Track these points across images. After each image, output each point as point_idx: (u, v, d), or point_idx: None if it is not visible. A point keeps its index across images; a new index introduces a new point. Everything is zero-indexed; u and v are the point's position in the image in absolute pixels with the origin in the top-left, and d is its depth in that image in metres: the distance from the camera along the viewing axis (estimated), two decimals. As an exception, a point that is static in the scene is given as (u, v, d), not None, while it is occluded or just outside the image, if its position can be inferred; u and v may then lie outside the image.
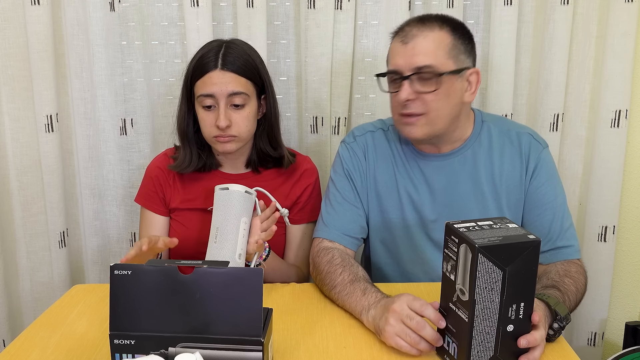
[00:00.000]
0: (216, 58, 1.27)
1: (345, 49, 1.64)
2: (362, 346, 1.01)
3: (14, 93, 1.63)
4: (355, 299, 1.10)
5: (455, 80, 1.20)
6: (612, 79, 1.62)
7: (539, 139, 1.31)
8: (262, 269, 0.86)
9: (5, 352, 1.00)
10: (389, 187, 1.33)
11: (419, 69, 1.18)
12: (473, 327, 0.88)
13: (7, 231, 1.71)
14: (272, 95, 1.36)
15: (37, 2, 1.55)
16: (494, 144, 1.30)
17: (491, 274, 0.85)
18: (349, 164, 1.34)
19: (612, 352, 1.75)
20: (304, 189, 1.40)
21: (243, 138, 1.32)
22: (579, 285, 1.17)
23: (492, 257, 0.85)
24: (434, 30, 1.19)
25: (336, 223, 1.30)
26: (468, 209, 1.29)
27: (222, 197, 1.16)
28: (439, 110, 1.20)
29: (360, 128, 1.39)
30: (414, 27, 1.20)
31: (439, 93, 1.18)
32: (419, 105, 1.20)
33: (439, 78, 1.17)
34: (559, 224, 1.26)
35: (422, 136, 1.23)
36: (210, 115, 1.29)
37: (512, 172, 1.28)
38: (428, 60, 1.17)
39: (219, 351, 0.85)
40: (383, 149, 1.34)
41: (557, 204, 1.27)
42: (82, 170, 1.72)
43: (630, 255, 1.78)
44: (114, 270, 0.86)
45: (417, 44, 1.18)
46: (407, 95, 1.19)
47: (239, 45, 1.32)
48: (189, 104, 1.34)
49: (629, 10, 1.58)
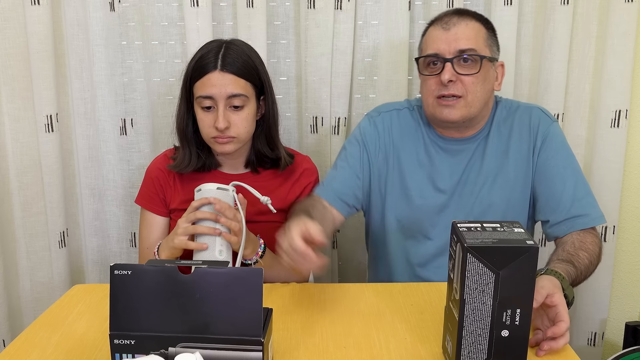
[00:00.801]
0: (215, 59, 1.27)
1: (345, 49, 1.64)
2: (362, 346, 1.00)
3: (14, 93, 1.63)
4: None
5: (490, 67, 1.29)
6: (612, 79, 1.62)
7: (548, 114, 1.36)
8: (262, 269, 0.86)
9: (5, 352, 1.00)
10: (412, 165, 1.36)
11: (462, 52, 1.25)
12: (463, 327, 0.88)
13: (7, 231, 1.71)
14: (271, 96, 1.36)
15: (37, 2, 1.55)
16: (502, 122, 1.36)
17: (482, 275, 0.85)
18: (368, 135, 1.39)
19: (612, 352, 1.75)
20: (303, 188, 1.40)
21: (242, 139, 1.32)
22: (593, 257, 1.20)
23: (483, 259, 0.84)
24: (473, 21, 1.28)
25: (333, 184, 1.35)
26: (476, 186, 1.33)
27: (197, 198, 1.18)
28: (476, 93, 1.26)
29: (386, 105, 1.44)
30: (454, 16, 1.28)
31: (478, 76, 1.26)
32: (459, 87, 1.26)
33: (480, 61, 1.25)
34: (571, 193, 1.27)
35: (459, 118, 1.28)
36: (209, 116, 1.29)
37: (520, 146, 1.33)
38: (471, 44, 1.25)
39: (219, 351, 0.85)
40: (409, 127, 1.39)
41: (568, 174, 1.29)
42: (82, 170, 1.73)
43: (630, 255, 1.78)
44: (114, 270, 0.86)
45: (459, 29, 1.26)
46: (450, 75, 1.24)
47: (239, 45, 1.32)
48: (188, 104, 1.34)
49: (629, 10, 1.58)
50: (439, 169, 1.35)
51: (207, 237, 1.15)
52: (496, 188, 1.33)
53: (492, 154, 1.33)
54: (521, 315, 0.87)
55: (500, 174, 1.33)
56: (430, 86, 1.29)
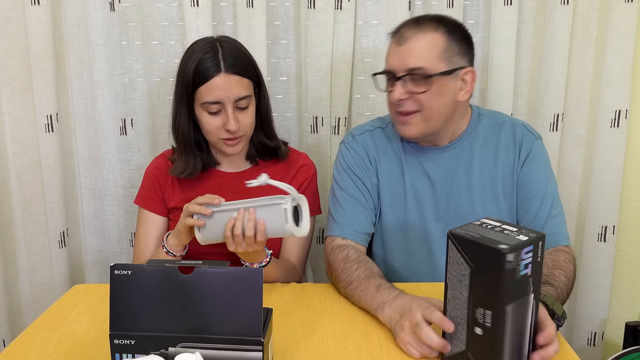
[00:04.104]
0: (217, 61, 1.24)
1: (345, 49, 1.64)
2: (362, 346, 1.00)
3: (14, 93, 1.63)
4: (370, 295, 1.11)
5: (447, 81, 1.23)
6: (612, 79, 1.62)
7: (533, 131, 1.35)
8: (262, 269, 0.86)
9: (5, 352, 1.00)
10: (392, 183, 1.35)
11: (410, 70, 1.21)
12: (446, 311, 0.91)
13: (7, 231, 1.71)
14: (264, 87, 1.35)
15: (37, 2, 1.55)
16: (489, 134, 1.34)
17: (460, 265, 0.86)
18: (352, 162, 1.36)
19: (612, 352, 1.75)
20: (300, 184, 1.40)
21: (248, 136, 1.33)
22: (569, 274, 1.18)
23: (460, 249, 0.85)
24: (428, 32, 1.22)
25: (347, 220, 1.32)
26: (466, 198, 1.31)
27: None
28: (432, 108, 1.24)
29: (358, 128, 1.42)
30: (409, 29, 1.24)
31: (430, 93, 1.22)
32: (412, 103, 1.24)
33: (429, 79, 1.21)
34: (547, 211, 1.27)
35: (417, 134, 1.27)
36: (216, 119, 1.27)
37: (506, 160, 1.31)
38: (419, 62, 1.21)
39: (219, 351, 0.85)
40: (384, 146, 1.37)
41: (547, 192, 1.29)
42: (82, 170, 1.73)
43: (630, 255, 1.78)
44: (114, 270, 0.86)
45: (410, 46, 1.22)
46: (399, 95, 1.23)
47: (231, 42, 1.30)
48: (189, 110, 1.31)
49: (629, 10, 1.58)
50: (420, 180, 1.33)
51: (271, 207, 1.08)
52: (487, 201, 1.31)
53: (480, 167, 1.32)
54: (493, 320, 0.84)
55: (490, 187, 1.31)
56: (389, 101, 1.28)
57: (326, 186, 1.70)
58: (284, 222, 1.06)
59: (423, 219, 1.34)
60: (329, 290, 1.23)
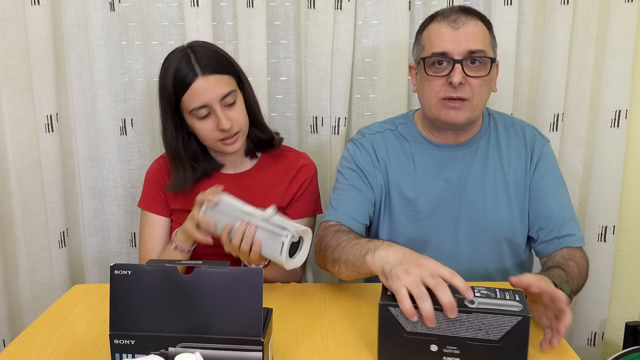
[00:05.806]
0: (191, 66, 1.24)
1: (345, 49, 1.64)
2: (362, 346, 1.00)
3: (14, 93, 1.63)
4: (360, 246, 1.07)
5: (494, 69, 1.27)
6: (612, 79, 1.62)
7: (542, 133, 1.37)
8: (262, 268, 0.86)
9: (5, 352, 1.00)
10: (403, 183, 1.33)
11: (472, 53, 1.21)
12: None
13: (7, 231, 1.71)
14: (247, 81, 1.36)
15: (37, 2, 1.55)
16: (501, 135, 1.34)
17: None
18: (359, 158, 1.36)
19: (612, 352, 1.75)
20: (301, 184, 1.40)
21: (245, 131, 1.33)
22: (582, 270, 1.19)
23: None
24: (478, 20, 1.25)
25: (344, 207, 1.30)
26: (480, 198, 1.31)
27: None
28: (481, 96, 1.25)
29: (368, 128, 1.42)
30: (461, 15, 1.24)
31: (485, 79, 1.23)
32: (467, 90, 1.23)
33: (490, 64, 1.23)
34: (562, 214, 1.28)
35: (464, 121, 1.26)
36: (208, 122, 1.28)
37: (518, 161, 1.32)
38: (480, 45, 1.22)
39: (219, 351, 0.85)
40: (394, 147, 1.36)
41: (559, 195, 1.30)
42: (82, 170, 1.73)
43: (630, 255, 1.78)
44: (114, 270, 0.86)
45: (469, 29, 1.22)
46: (460, 78, 1.21)
47: (202, 45, 1.31)
48: (176, 122, 1.31)
49: (629, 10, 1.58)
50: (434, 179, 1.32)
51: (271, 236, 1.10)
52: (499, 201, 1.31)
53: (493, 167, 1.32)
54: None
55: (503, 188, 1.31)
56: (434, 87, 1.25)
57: (326, 186, 1.70)
58: (278, 254, 1.09)
59: (435, 219, 1.32)
60: (329, 290, 1.23)
